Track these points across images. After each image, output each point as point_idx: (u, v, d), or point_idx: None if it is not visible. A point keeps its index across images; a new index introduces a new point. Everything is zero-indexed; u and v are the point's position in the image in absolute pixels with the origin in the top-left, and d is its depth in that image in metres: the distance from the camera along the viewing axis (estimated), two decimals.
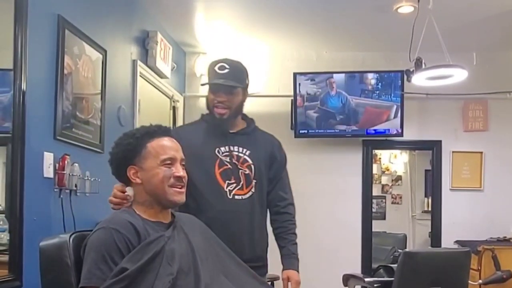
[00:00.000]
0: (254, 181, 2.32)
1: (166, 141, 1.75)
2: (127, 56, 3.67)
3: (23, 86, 2.29)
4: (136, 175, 1.72)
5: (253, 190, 2.32)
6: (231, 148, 2.31)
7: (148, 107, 4.06)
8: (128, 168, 1.73)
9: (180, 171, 1.73)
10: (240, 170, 2.30)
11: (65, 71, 2.67)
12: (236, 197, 2.28)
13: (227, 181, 2.27)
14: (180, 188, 1.73)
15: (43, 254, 1.71)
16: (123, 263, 1.56)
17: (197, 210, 2.20)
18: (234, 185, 2.28)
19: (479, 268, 4.27)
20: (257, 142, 2.40)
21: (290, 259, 2.37)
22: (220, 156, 2.28)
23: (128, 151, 1.73)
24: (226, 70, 2.28)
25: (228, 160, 2.29)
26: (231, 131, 2.35)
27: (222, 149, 2.30)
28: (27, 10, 2.31)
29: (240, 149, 2.32)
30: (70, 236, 1.70)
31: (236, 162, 2.30)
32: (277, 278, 3.61)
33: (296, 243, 2.41)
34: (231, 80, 2.28)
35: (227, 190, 2.26)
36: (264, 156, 2.38)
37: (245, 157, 2.32)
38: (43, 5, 2.50)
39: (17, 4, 2.28)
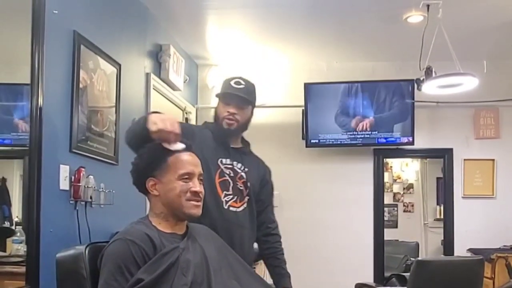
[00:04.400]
0: (247, 197, 2.38)
1: (186, 156, 1.78)
2: (140, 70, 3.73)
3: (40, 100, 2.34)
4: (154, 187, 1.76)
5: (245, 205, 2.37)
6: (233, 162, 2.37)
7: None
8: (147, 179, 1.77)
9: (197, 186, 1.75)
10: (237, 184, 2.35)
11: (81, 85, 2.73)
12: (231, 208, 2.32)
13: (224, 192, 2.32)
14: (196, 202, 1.76)
15: (60, 266, 1.74)
16: (139, 274, 1.59)
17: None
18: (231, 196, 2.33)
19: (493, 276, 4.25)
20: (253, 163, 2.47)
21: (285, 277, 2.48)
22: (222, 167, 2.34)
23: (148, 164, 1.77)
24: (242, 86, 2.36)
25: (227, 172, 2.34)
26: (232, 146, 2.41)
27: (224, 160, 2.35)
28: (44, 27, 2.37)
29: (239, 165, 2.39)
30: (86, 247, 1.73)
31: (234, 176, 2.35)
32: None
33: (286, 262, 2.52)
34: (245, 95, 2.36)
35: (223, 200, 2.30)
36: (257, 177, 2.45)
37: (242, 173, 2.38)
38: (60, 21, 2.55)
39: (34, 21, 2.34)
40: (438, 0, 3.56)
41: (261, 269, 3.83)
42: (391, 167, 7.33)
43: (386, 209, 6.27)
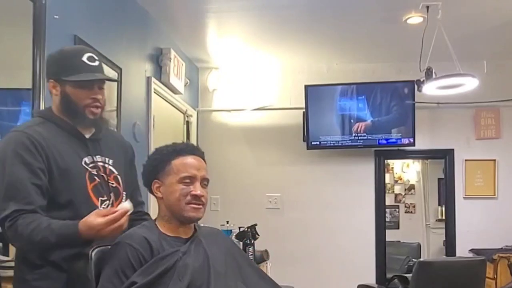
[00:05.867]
0: (124, 193, 1.96)
1: (189, 159, 1.80)
2: (141, 74, 3.75)
3: (42, 105, 2.35)
4: (159, 189, 1.79)
5: None
6: (94, 158, 1.88)
7: (163, 123, 4.12)
8: (153, 181, 1.79)
9: (197, 189, 1.76)
10: (109, 184, 1.89)
11: None
12: None
13: (100, 198, 1.85)
14: (196, 205, 1.76)
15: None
16: (133, 277, 1.60)
17: None
18: (107, 202, 1.87)
19: (495, 276, 4.25)
20: (114, 147, 2.00)
21: None
22: (89, 169, 1.84)
23: (154, 166, 1.80)
24: (97, 62, 1.87)
25: (95, 172, 1.86)
26: (87, 137, 1.89)
27: (86, 159, 1.85)
28: (45, 32, 2.39)
29: (102, 158, 1.91)
30: (92, 250, 1.75)
31: (104, 175, 1.88)
32: None
33: None
34: (103, 74, 1.91)
35: (102, 208, 1.82)
36: (124, 162, 2.02)
37: (110, 167, 1.92)
38: (60, 26, 2.57)
39: (35, 26, 2.37)
40: (438, 1, 3.57)
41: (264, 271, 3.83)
42: (392, 168, 7.33)
43: (387, 210, 6.27)
